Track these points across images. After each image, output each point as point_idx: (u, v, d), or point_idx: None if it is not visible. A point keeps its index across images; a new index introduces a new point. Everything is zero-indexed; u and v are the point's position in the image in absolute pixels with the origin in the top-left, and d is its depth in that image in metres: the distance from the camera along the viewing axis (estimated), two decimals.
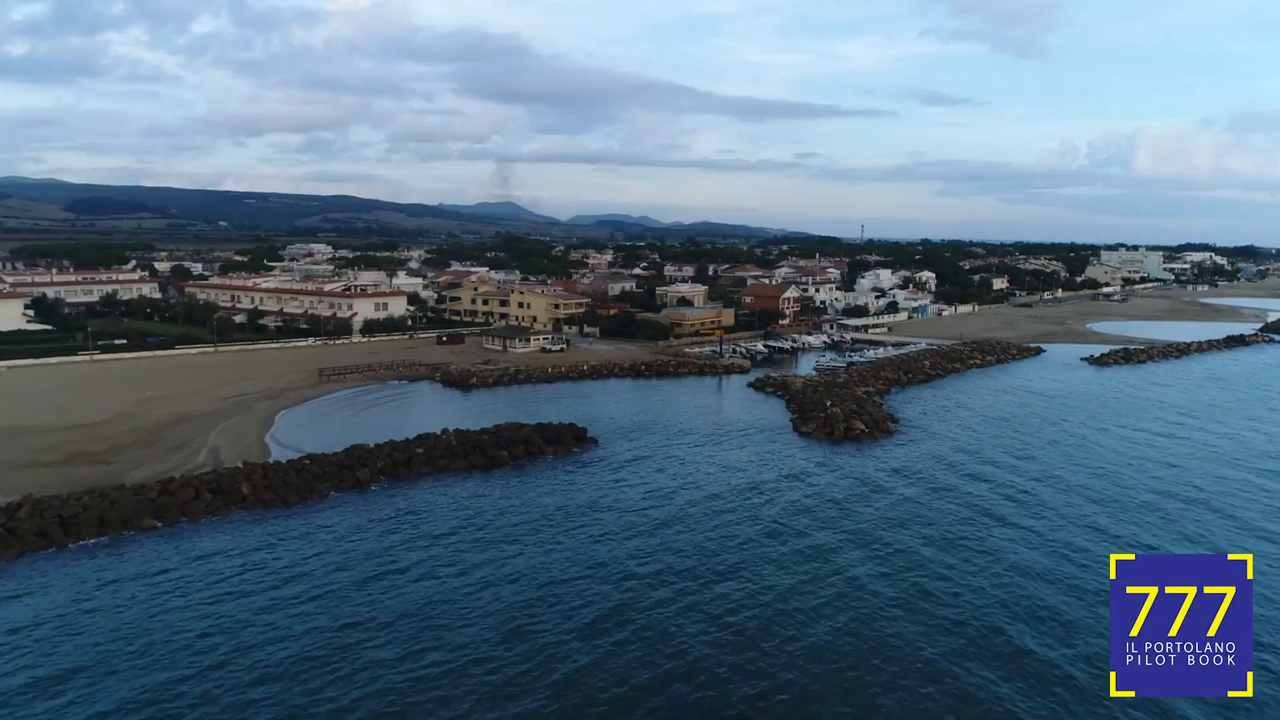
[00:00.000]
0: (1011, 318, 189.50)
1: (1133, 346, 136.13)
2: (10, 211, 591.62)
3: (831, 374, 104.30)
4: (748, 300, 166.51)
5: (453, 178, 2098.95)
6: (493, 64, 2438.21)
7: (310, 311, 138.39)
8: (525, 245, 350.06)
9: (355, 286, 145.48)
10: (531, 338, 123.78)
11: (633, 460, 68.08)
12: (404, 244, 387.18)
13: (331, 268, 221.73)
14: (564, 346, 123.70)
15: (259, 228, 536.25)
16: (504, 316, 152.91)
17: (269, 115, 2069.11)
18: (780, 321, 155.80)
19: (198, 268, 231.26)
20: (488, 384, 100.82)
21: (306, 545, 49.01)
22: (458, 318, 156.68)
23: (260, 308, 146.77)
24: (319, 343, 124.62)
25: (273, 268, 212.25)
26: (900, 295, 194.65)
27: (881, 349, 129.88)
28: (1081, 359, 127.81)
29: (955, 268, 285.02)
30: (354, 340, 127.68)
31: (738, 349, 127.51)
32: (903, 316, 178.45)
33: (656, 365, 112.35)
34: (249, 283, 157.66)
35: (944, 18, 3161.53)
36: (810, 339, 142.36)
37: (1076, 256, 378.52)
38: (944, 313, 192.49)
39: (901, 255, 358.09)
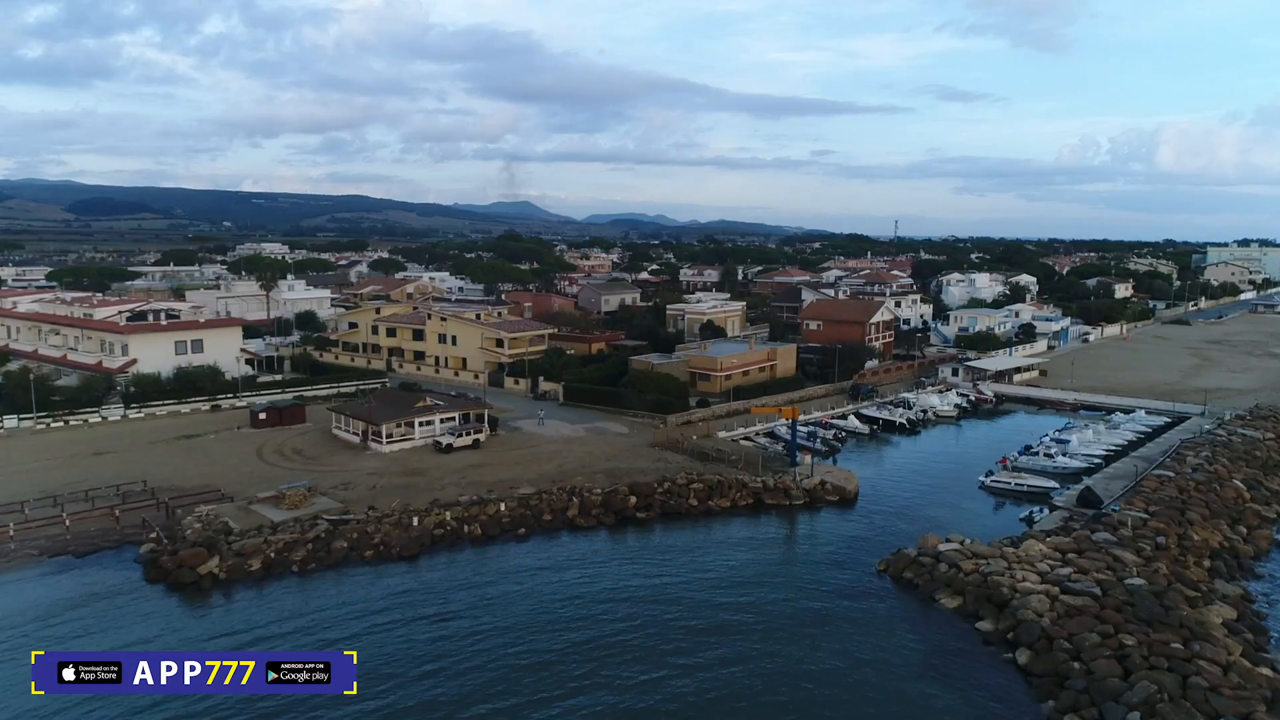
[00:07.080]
0: (1191, 344, 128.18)
1: None
2: (10, 213, 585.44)
3: (1077, 533, 43.98)
4: (811, 327, 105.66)
5: (469, 178, 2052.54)
6: (504, 62, 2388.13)
7: (68, 356, 79.76)
8: (521, 244, 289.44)
9: (156, 312, 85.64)
10: (419, 420, 62.93)
11: None
12: (374, 242, 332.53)
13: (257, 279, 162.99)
14: (480, 436, 62.96)
15: (262, 228, 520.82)
16: (419, 356, 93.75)
17: (283, 116, 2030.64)
18: (868, 363, 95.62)
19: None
20: (248, 573, 41.36)
21: None
22: (349, 358, 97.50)
23: (12, 345, 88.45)
24: (26, 423, 65.59)
25: (138, 275, 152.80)
26: (1027, 312, 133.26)
27: (1084, 427, 69.61)
28: None
29: (1048, 270, 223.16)
30: (101, 415, 68.28)
31: (816, 432, 67.52)
32: (1040, 346, 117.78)
33: (662, 493, 52.26)
34: (7, 303, 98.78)
35: (962, 11, 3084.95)
36: (933, 400, 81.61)
37: (1176, 253, 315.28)
38: (1089, 337, 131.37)
39: (953, 254, 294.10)
